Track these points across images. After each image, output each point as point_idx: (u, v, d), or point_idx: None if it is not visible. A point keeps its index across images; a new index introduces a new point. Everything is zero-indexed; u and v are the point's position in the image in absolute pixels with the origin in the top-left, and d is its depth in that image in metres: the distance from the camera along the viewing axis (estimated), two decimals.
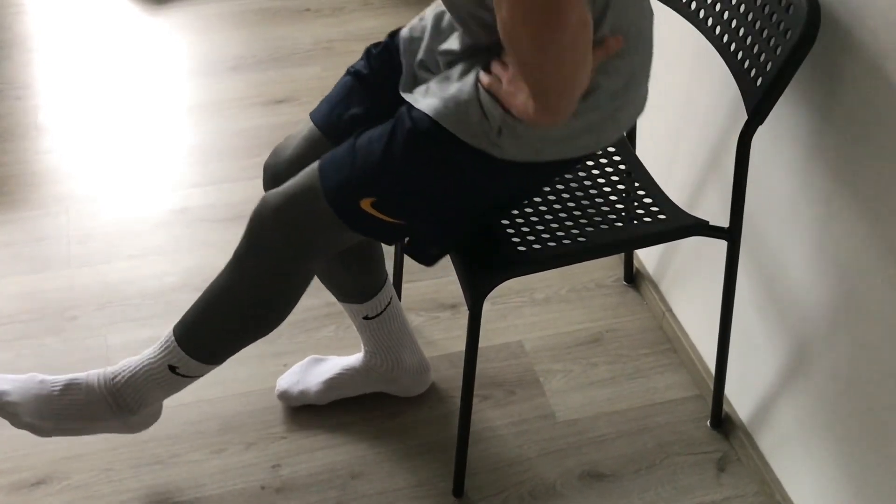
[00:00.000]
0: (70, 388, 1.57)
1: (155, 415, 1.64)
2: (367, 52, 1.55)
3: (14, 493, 1.69)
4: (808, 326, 1.57)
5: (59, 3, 2.99)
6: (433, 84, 1.40)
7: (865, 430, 1.47)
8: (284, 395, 1.82)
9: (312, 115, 1.58)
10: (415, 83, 1.46)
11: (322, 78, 2.71)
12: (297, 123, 2.55)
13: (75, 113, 2.56)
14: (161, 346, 1.55)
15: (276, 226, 1.45)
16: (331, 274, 1.69)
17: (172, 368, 1.54)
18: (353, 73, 1.55)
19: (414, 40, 1.47)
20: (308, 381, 1.82)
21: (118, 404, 1.57)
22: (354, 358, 1.83)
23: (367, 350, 1.78)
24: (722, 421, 1.83)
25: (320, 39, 2.88)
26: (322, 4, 3.02)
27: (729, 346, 1.72)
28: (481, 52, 1.35)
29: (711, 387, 1.82)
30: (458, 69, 1.37)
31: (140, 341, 1.96)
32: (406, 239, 1.49)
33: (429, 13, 1.48)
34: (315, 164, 1.44)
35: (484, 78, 1.32)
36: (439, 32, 1.43)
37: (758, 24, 1.46)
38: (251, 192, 2.32)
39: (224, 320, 1.53)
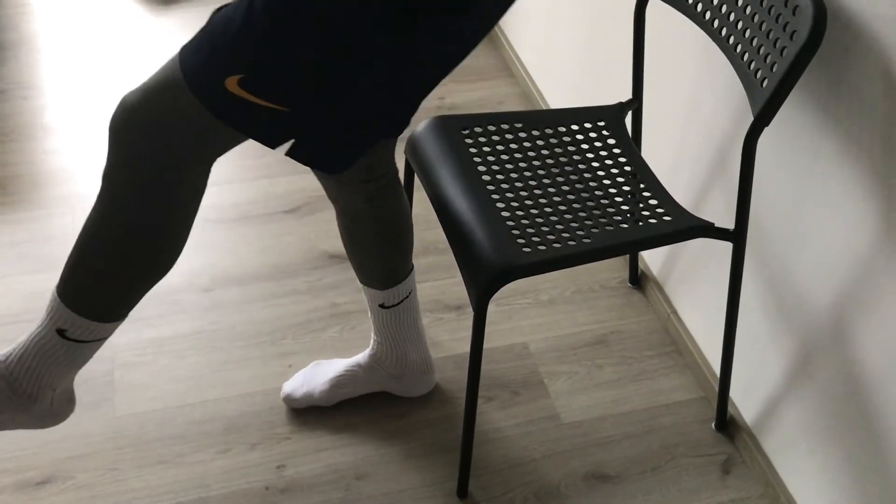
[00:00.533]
0: None
1: (65, 403, 1.41)
2: None
3: (19, 493, 1.69)
4: (813, 329, 1.56)
5: (64, 3, 2.99)
6: None
7: (871, 432, 1.47)
8: (289, 399, 1.82)
9: None
10: None
11: None
12: None
13: (82, 113, 2.57)
14: (46, 312, 1.32)
15: (137, 129, 1.22)
16: (358, 253, 1.66)
17: (61, 332, 1.31)
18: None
19: None
20: (313, 383, 1.82)
21: (13, 390, 1.34)
22: (360, 355, 1.83)
23: (376, 340, 1.78)
24: (727, 423, 1.83)
25: None
26: None
27: (734, 348, 1.72)
28: None
29: (716, 389, 1.82)
30: None
31: (145, 341, 1.96)
32: (292, 141, 1.23)
33: None
34: (175, 54, 1.23)
35: None
36: None
37: (763, 26, 1.46)
38: (256, 193, 2.33)
39: (105, 260, 1.28)
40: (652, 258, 2.10)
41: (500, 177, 1.65)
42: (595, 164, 1.70)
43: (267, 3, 1.15)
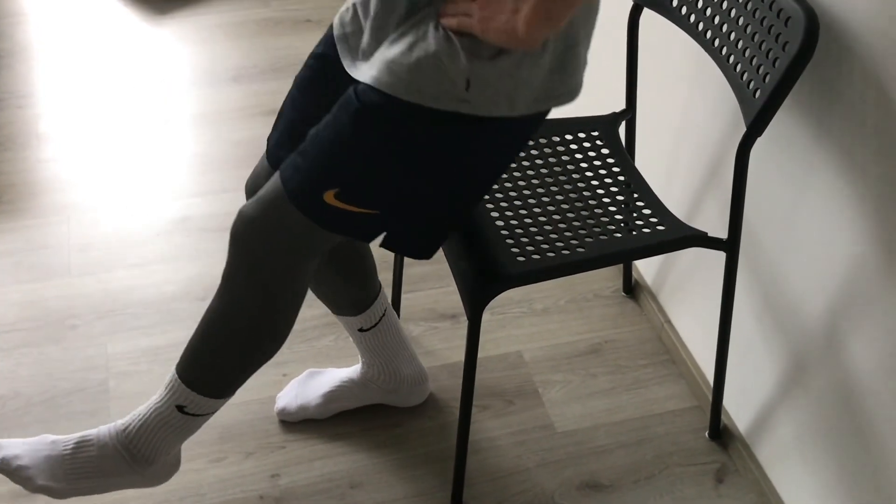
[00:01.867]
0: (81, 445, 1.51)
1: (174, 464, 1.57)
2: (307, 65, 1.50)
3: (14, 501, 1.69)
4: (806, 338, 1.57)
5: (60, 12, 3.00)
6: (375, 55, 1.31)
7: (864, 441, 1.47)
8: (284, 412, 1.82)
9: (268, 144, 1.55)
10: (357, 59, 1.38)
11: None
12: None
13: (77, 122, 2.57)
14: (166, 388, 1.49)
15: (255, 237, 1.40)
16: (323, 287, 1.69)
17: (181, 408, 1.48)
18: (288, 106, 1.52)
19: (345, 26, 1.40)
20: (307, 396, 1.82)
21: (132, 456, 1.51)
22: (352, 370, 1.83)
23: (365, 361, 1.79)
24: (720, 432, 1.84)
25: None
26: (323, 15, 3.03)
27: (727, 357, 1.73)
28: (424, 8, 1.27)
29: (710, 398, 1.83)
30: (399, 33, 1.28)
31: (140, 350, 1.96)
32: (384, 234, 1.41)
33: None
34: (277, 171, 1.39)
35: (450, 21, 1.23)
36: (367, 11, 1.35)
37: (756, 37, 1.47)
38: None
39: (223, 348, 1.47)
40: (646, 267, 2.10)
41: (494, 186, 1.66)
42: (589, 174, 1.70)
43: (356, 120, 1.30)
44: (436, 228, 1.44)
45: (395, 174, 1.34)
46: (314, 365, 1.94)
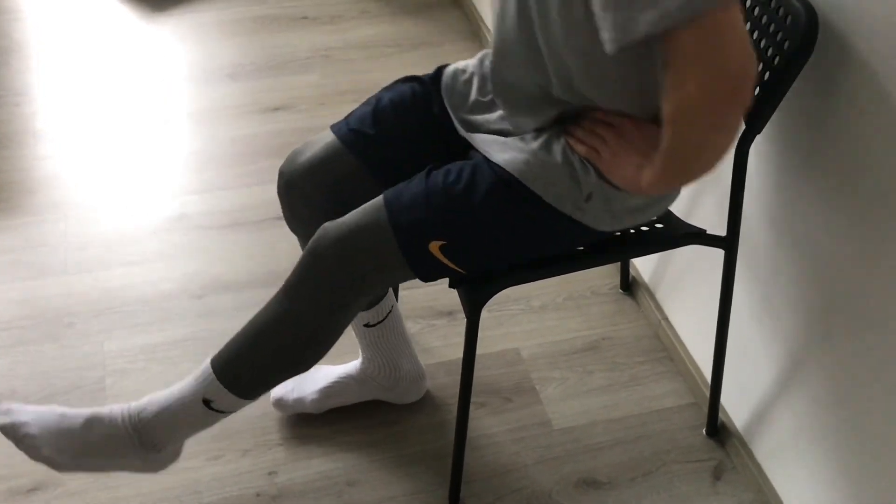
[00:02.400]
0: (92, 423, 1.51)
1: (175, 455, 1.57)
2: (408, 80, 1.58)
3: (10, 500, 1.69)
4: (803, 334, 1.57)
5: (56, 9, 2.99)
6: (512, 141, 1.41)
7: (861, 438, 1.47)
8: (280, 404, 1.82)
9: (337, 129, 1.56)
10: (471, 126, 1.49)
11: (319, 86, 2.72)
12: (294, 131, 2.56)
13: (73, 120, 2.57)
14: (196, 378, 1.49)
15: (335, 258, 1.41)
16: None
17: (207, 402, 1.48)
18: (386, 99, 1.56)
19: (457, 90, 1.52)
20: (304, 390, 1.82)
21: (142, 441, 1.51)
22: (351, 366, 1.83)
23: (366, 357, 1.79)
24: (718, 429, 1.84)
25: (318, 47, 2.89)
26: (320, 12, 3.03)
27: (725, 354, 1.73)
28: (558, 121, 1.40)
29: (707, 395, 1.83)
30: (538, 130, 1.41)
31: (137, 348, 1.96)
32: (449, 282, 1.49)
33: (471, 65, 1.53)
34: (380, 199, 1.41)
35: (579, 148, 1.36)
36: (488, 91, 1.49)
37: (756, 34, 1.47)
38: (248, 200, 2.33)
39: (267, 353, 1.47)
40: (643, 265, 2.10)
41: None
42: None
43: (489, 191, 1.38)
44: (486, 278, 1.51)
45: (501, 245, 1.42)
46: None
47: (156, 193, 2.35)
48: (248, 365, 1.48)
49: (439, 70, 1.56)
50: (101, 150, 2.47)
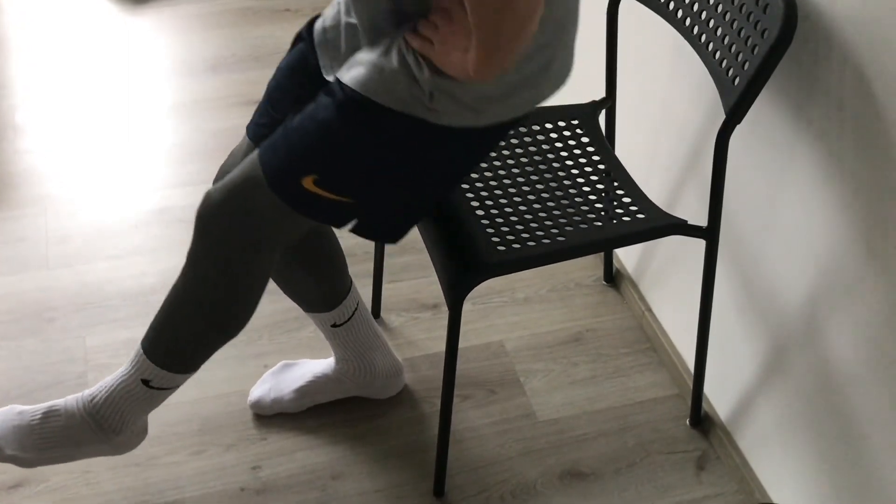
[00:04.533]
0: (49, 415, 1.54)
1: (140, 433, 1.60)
2: (296, 41, 1.53)
3: (9, 496, 1.68)
4: (786, 325, 1.57)
5: (36, 2, 2.97)
6: (357, 56, 1.36)
7: (844, 427, 1.48)
8: (258, 405, 1.82)
9: (248, 128, 1.57)
10: (340, 63, 1.42)
11: None
12: None
13: (54, 113, 2.55)
14: (132, 361, 1.53)
15: (222, 220, 1.42)
16: (293, 285, 1.68)
17: (146, 382, 1.51)
18: (279, 75, 1.54)
19: (327, 31, 1.44)
20: (281, 389, 1.81)
21: (100, 426, 1.54)
22: (326, 364, 1.82)
23: (338, 357, 1.78)
24: (701, 419, 1.84)
25: None
26: (302, 4, 3.02)
27: (708, 344, 1.73)
28: (403, 22, 1.32)
29: (691, 386, 1.83)
30: (378, 43, 1.33)
31: (119, 342, 1.95)
32: (355, 221, 1.44)
33: (333, 10, 1.45)
34: (255, 154, 1.41)
35: (413, 41, 1.28)
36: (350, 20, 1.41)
37: (735, 24, 1.47)
38: None
39: (187, 326, 1.49)
40: (626, 256, 2.11)
41: (474, 175, 1.66)
42: (569, 163, 1.70)
43: (340, 112, 1.33)
44: (405, 216, 1.46)
45: (372, 166, 1.37)
46: (295, 356, 1.93)
47: (137, 187, 2.33)
48: (172, 339, 1.50)
49: (314, 18, 1.50)
50: (81, 144, 2.45)
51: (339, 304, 1.70)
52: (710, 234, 1.58)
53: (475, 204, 1.60)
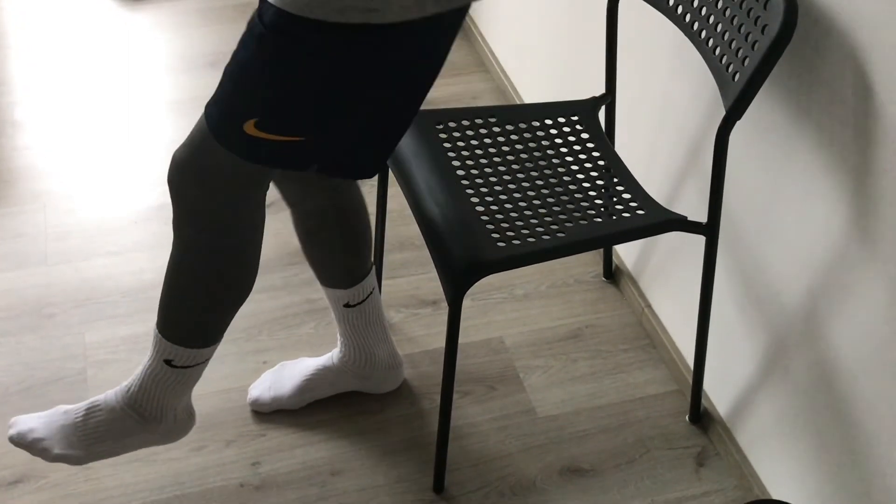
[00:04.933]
0: (91, 411, 1.54)
1: (187, 420, 1.59)
2: None
3: (7, 492, 1.68)
4: (786, 321, 1.57)
5: None
6: None
7: (844, 423, 1.48)
8: (257, 403, 1.81)
9: None
10: None
11: None
12: None
13: (53, 109, 2.55)
14: (152, 345, 1.52)
15: (189, 181, 1.38)
16: (318, 252, 1.67)
17: (168, 363, 1.50)
18: None
19: None
20: (280, 387, 1.81)
21: (140, 415, 1.54)
22: (326, 357, 1.82)
23: (343, 342, 1.78)
24: (701, 416, 1.84)
25: None
26: None
27: (707, 341, 1.73)
28: None
29: (690, 382, 1.83)
30: None
31: (118, 339, 1.95)
32: (315, 163, 1.37)
33: None
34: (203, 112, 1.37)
35: None
36: None
37: (735, 20, 1.47)
38: None
39: (190, 296, 1.46)
40: (626, 252, 2.11)
41: (474, 171, 1.65)
42: (569, 159, 1.70)
43: (263, 45, 1.25)
44: (370, 145, 1.38)
45: (315, 95, 1.27)
46: (294, 352, 1.93)
47: (136, 183, 2.33)
48: (181, 314, 1.48)
49: None
50: (80, 140, 2.45)
51: (356, 284, 1.69)
52: (709, 230, 1.58)
53: (475, 200, 1.60)
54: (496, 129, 1.75)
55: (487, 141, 1.72)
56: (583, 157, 1.71)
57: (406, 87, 1.34)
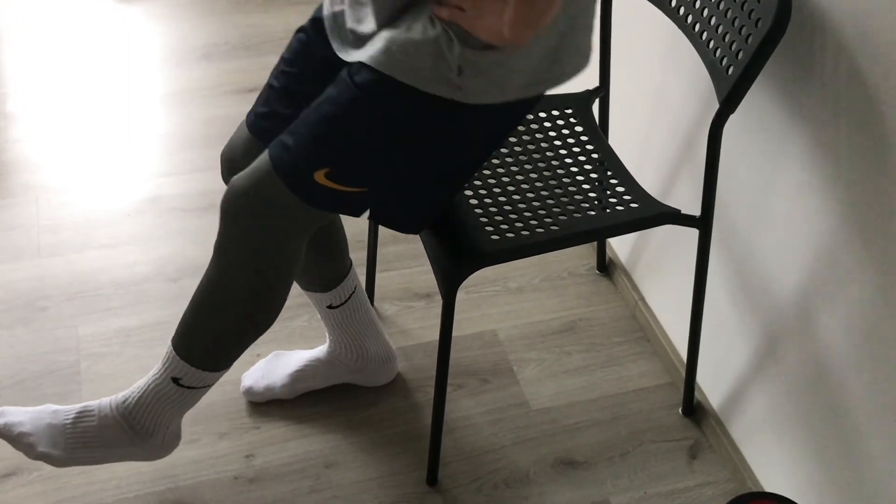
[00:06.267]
0: (83, 415, 1.54)
1: (175, 437, 1.58)
2: (297, 32, 1.51)
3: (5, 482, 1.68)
4: (779, 315, 1.58)
5: None
6: (374, 38, 1.32)
7: (836, 417, 1.48)
8: (249, 392, 1.82)
9: (247, 119, 1.56)
10: (350, 45, 1.39)
11: None
12: None
13: (45, 102, 2.54)
14: (162, 361, 1.51)
15: (246, 211, 1.40)
16: None
17: (176, 381, 1.50)
18: (282, 65, 1.52)
19: (337, 16, 1.42)
20: (273, 376, 1.81)
21: (132, 428, 1.53)
22: (319, 350, 1.82)
23: (332, 339, 1.78)
24: (694, 409, 1.85)
25: (292, 27, 2.85)
26: None
27: (700, 334, 1.73)
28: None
29: (683, 375, 1.84)
30: (398, 18, 1.31)
31: (111, 331, 1.94)
32: (370, 210, 1.42)
33: None
34: (266, 151, 1.40)
35: (442, 12, 1.26)
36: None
37: (729, 14, 1.47)
38: (223, 182, 2.31)
39: (217, 320, 1.47)
40: (620, 245, 2.11)
41: None
42: (563, 152, 1.70)
43: (351, 101, 1.31)
44: (424, 206, 1.45)
45: (385, 155, 1.35)
46: (288, 345, 1.93)
47: (129, 175, 2.32)
48: (202, 335, 1.48)
49: (319, 9, 1.49)
50: (73, 133, 2.44)
51: (336, 286, 1.70)
52: (703, 223, 1.58)
53: (468, 192, 1.60)
54: None
55: None
56: (576, 150, 1.71)
57: (470, 160, 1.43)
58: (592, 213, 1.58)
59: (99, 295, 2.03)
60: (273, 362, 1.84)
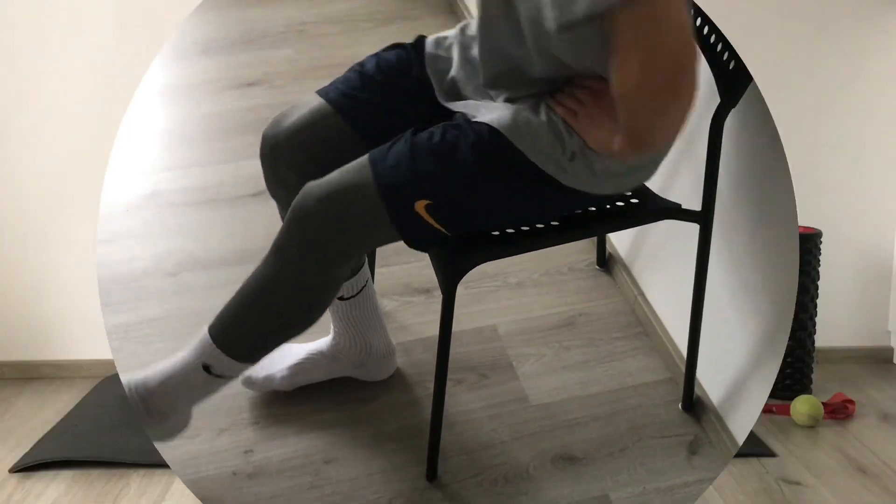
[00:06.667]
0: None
1: (183, 424, 1.60)
2: (392, 47, 1.57)
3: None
4: (778, 311, 1.57)
5: None
6: (495, 104, 1.42)
7: None
8: (248, 381, 1.81)
9: (324, 93, 1.56)
10: (454, 95, 1.49)
11: (294, 61, 2.69)
12: (269, 107, 2.54)
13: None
14: (195, 345, 1.52)
15: (320, 217, 1.42)
16: None
17: (206, 367, 1.51)
18: (371, 64, 1.56)
19: (440, 59, 1.51)
20: (273, 367, 1.81)
21: (147, 409, 1.55)
22: (321, 342, 1.82)
23: (336, 331, 1.77)
24: (693, 404, 1.84)
25: (293, 22, 2.85)
26: None
27: (700, 329, 1.73)
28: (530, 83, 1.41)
29: (683, 370, 1.83)
30: (525, 93, 1.41)
31: (109, 328, 1.94)
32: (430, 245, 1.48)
33: (452, 36, 1.52)
34: (365, 158, 1.42)
35: (558, 108, 1.36)
36: (468, 61, 1.48)
37: None
38: (223, 176, 2.31)
39: (262, 315, 1.49)
40: (619, 240, 2.10)
41: None
42: None
43: (474, 150, 1.39)
44: (478, 249, 1.51)
45: (486, 205, 1.43)
46: None
47: (128, 171, 2.32)
48: (244, 328, 1.50)
49: (421, 38, 1.55)
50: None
51: (351, 277, 1.69)
52: (704, 218, 1.58)
53: None
54: None
55: None
56: None
57: (527, 220, 1.51)
58: (592, 207, 1.57)
59: (98, 290, 2.02)
60: (273, 353, 1.83)
